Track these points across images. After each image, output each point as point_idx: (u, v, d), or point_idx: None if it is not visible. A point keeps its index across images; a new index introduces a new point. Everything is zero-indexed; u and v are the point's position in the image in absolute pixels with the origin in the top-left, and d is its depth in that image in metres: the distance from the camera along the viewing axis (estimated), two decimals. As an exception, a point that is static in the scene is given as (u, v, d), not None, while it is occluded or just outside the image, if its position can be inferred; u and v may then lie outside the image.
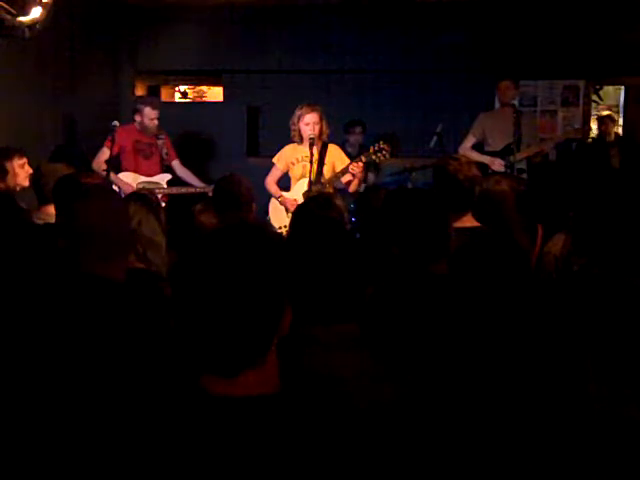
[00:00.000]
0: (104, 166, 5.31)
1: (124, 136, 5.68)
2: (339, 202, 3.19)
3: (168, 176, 5.87)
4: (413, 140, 7.17)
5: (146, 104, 5.86)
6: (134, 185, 5.64)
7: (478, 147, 6.04)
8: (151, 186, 5.61)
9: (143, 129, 5.80)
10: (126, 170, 5.78)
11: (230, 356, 1.33)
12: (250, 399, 1.31)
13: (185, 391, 1.36)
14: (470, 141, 6.02)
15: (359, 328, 1.76)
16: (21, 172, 4.49)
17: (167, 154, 5.88)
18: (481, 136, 6.00)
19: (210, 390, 1.33)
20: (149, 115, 5.75)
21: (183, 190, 5.77)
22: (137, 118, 5.80)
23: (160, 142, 5.84)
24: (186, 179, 5.89)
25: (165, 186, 5.80)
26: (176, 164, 5.95)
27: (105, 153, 5.44)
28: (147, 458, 1.30)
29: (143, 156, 5.83)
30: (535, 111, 6.91)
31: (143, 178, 5.75)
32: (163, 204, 5.46)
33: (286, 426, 1.31)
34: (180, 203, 5.55)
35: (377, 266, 2.26)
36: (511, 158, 5.64)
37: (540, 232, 3.52)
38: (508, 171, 5.61)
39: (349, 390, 1.60)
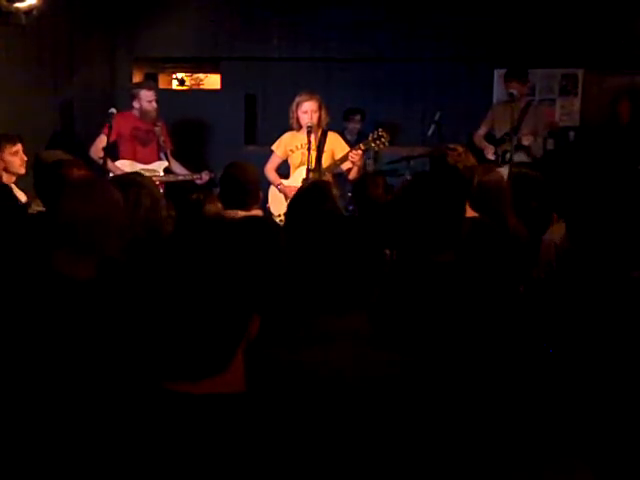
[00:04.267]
0: (101, 153, 5.27)
1: (122, 123, 5.66)
2: (334, 191, 3.19)
3: (165, 163, 5.85)
4: (412, 128, 7.16)
5: (141, 87, 5.86)
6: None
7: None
8: (148, 174, 5.59)
9: (143, 114, 5.76)
10: (123, 158, 5.76)
11: (192, 365, 1.31)
12: (212, 397, 1.30)
13: (146, 387, 1.35)
14: (483, 129, 6.19)
15: (365, 320, 1.75)
16: (15, 159, 4.41)
17: (164, 141, 5.86)
18: (491, 125, 6.12)
19: (171, 387, 1.31)
20: (146, 97, 5.72)
21: (180, 178, 5.77)
22: (135, 104, 5.77)
23: (157, 129, 5.81)
24: (174, 170, 5.88)
25: (162, 173, 5.79)
26: (168, 154, 5.93)
27: (102, 140, 5.39)
28: (108, 453, 1.29)
29: (141, 143, 5.81)
30: (534, 100, 6.88)
31: (140, 166, 5.73)
32: (161, 191, 5.49)
33: (250, 425, 1.30)
34: (177, 191, 5.55)
35: (377, 255, 2.25)
36: (503, 146, 5.79)
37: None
38: (502, 159, 5.71)
39: (349, 382, 1.61)
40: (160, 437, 1.27)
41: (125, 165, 5.69)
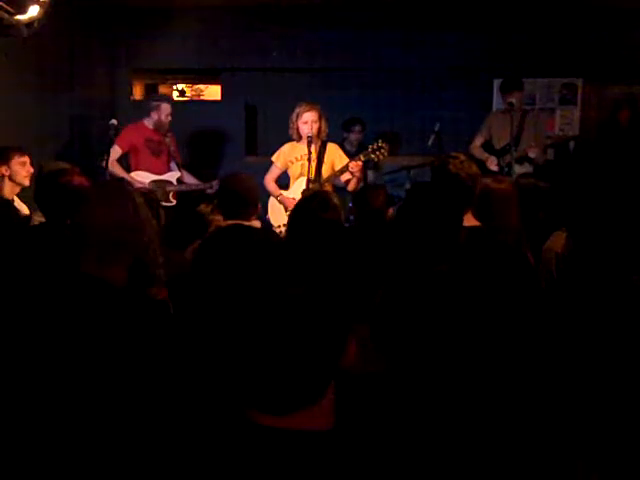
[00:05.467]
0: (116, 164, 5.39)
1: (135, 134, 5.71)
2: (336, 201, 3.18)
3: (178, 174, 5.89)
4: (412, 138, 7.18)
5: (162, 100, 5.95)
6: (146, 183, 5.65)
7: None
8: (162, 184, 5.65)
9: (159, 126, 5.82)
10: (137, 168, 5.79)
11: (281, 397, 1.14)
12: (298, 434, 1.14)
13: (224, 416, 1.21)
14: (479, 140, 6.14)
15: (366, 324, 1.75)
16: (21, 170, 4.43)
17: (174, 152, 5.91)
18: (488, 135, 6.09)
19: (254, 419, 1.16)
20: (166, 111, 5.81)
21: (193, 187, 5.82)
22: (154, 116, 5.81)
23: (167, 140, 5.87)
24: (185, 180, 5.96)
25: (175, 183, 5.83)
26: (178, 164, 5.98)
27: (116, 151, 5.49)
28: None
29: (153, 154, 5.84)
30: (533, 109, 6.90)
31: (154, 176, 5.76)
32: (174, 202, 5.57)
33: (334, 467, 1.15)
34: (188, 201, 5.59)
35: (379, 264, 2.26)
36: (507, 157, 5.71)
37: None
38: (506, 170, 5.67)
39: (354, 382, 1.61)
40: (232, 470, 1.14)
41: (140, 176, 5.72)
